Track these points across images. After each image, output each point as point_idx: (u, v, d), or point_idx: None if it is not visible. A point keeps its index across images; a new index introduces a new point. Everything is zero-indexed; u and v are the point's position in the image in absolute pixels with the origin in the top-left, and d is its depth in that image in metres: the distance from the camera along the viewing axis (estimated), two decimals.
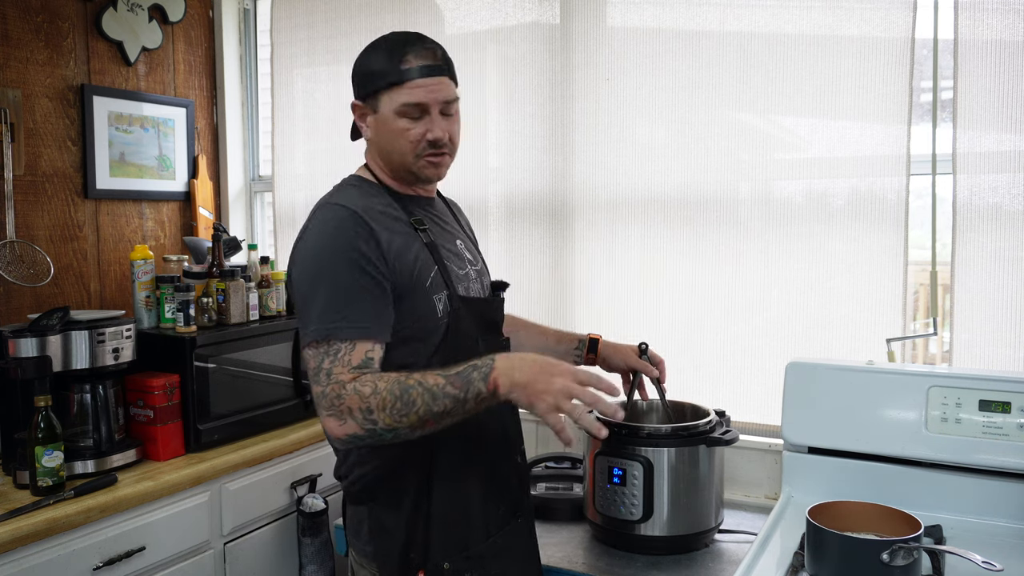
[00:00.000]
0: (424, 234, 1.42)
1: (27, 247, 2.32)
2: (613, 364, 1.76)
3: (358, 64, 1.43)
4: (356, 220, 1.33)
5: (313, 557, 2.22)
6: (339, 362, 1.27)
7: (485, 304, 1.50)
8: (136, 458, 2.06)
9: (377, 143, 1.44)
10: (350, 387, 1.25)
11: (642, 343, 1.76)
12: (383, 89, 1.38)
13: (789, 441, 1.88)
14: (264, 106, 3.03)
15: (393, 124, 1.38)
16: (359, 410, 1.24)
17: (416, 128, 1.38)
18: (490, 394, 1.22)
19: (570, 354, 1.77)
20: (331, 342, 1.28)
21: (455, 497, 1.40)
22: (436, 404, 1.22)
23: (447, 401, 1.22)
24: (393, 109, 1.37)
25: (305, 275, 1.34)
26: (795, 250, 2.07)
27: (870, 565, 1.34)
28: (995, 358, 1.86)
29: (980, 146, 1.83)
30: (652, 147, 2.23)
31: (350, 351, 1.27)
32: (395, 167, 1.44)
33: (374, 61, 1.40)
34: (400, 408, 1.22)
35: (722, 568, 1.71)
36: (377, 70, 1.38)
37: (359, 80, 1.43)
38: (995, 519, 1.67)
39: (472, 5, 2.48)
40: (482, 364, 1.24)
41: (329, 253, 1.32)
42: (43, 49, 2.38)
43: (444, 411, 1.23)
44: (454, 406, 1.23)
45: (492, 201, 2.49)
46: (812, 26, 2.00)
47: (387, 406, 1.23)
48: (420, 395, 1.22)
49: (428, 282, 1.38)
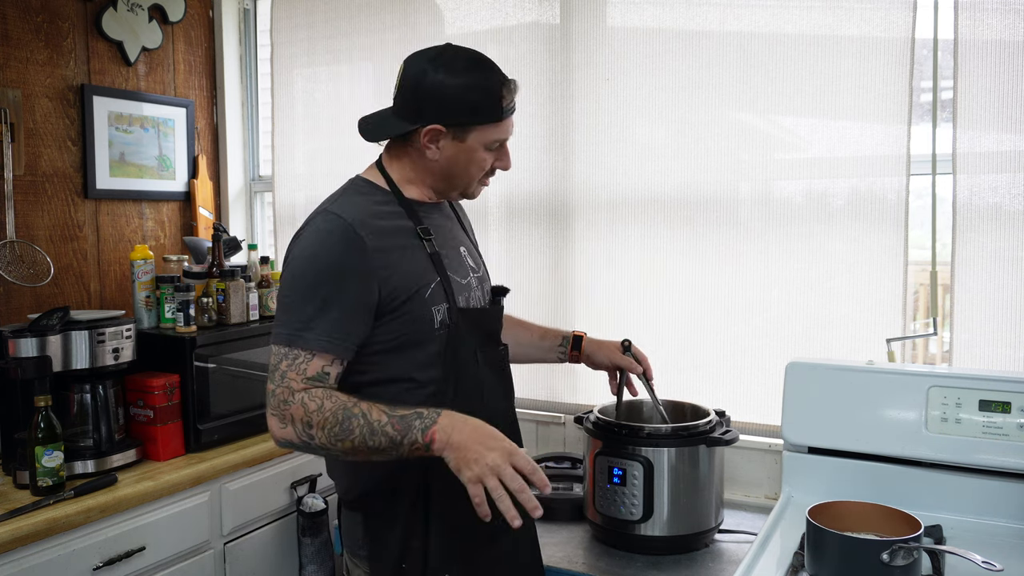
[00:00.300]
0: (429, 244, 1.42)
1: (27, 247, 2.32)
2: (597, 361, 1.78)
3: (449, 88, 1.37)
4: (349, 233, 1.33)
5: (313, 557, 2.22)
6: (295, 368, 1.29)
7: (484, 314, 1.50)
8: (136, 458, 2.06)
9: (446, 167, 1.43)
10: (298, 396, 1.27)
11: (624, 340, 1.78)
12: (483, 123, 1.40)
13: (789, 441, 1.88)
14: (264, 106, 3.02)
15: (476, 155, 1.42)
16: (300, 422, 1.27)
17: (490, 159, 1.45)
18: (424, 446, 1.24)
19: (554, 351, 1.79)
20: (293, 347, 1.30)
21: (455, 504, 1.38)
22: (372, 439, 1.25)
23: (383, 439, 1.24)
24: (483, 143, 1.41)
25: (288, 277, 1.35)
26: (795, 250, 2.07)
27: (870, 565, 1.34)
28: (995, 358, 1.86)
29: (980, 146, 1.83)
30: (652, 147, 2.23)
31: (308, 361, 1.29)
32: (447, 185, 1.46)
33: (474, 94, 1.38)
34: (338, 433, 1.25)
35: (722, 568, 1.71)
36: (478, 105, 1.38)
37: (454, 107, 1.37)
38: (995, 519, 1.67)
39: (472, 5, 2.48)
40: (427, 415, 1.25)
41: (314, 262, 1.33)
42: (43, 49, 2.38)
43: (377, 447, 1.25)
44: (388, 446, 1.25)
45: (492, 201, 2.49)
46: (812, 26, 2.00)
47: (326, 426, 1.25)
48: (360, 426, 1.25)
49: (428, 293, 1.38)
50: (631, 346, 1.77)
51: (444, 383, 1.39)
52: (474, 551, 1.41)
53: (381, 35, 2.63)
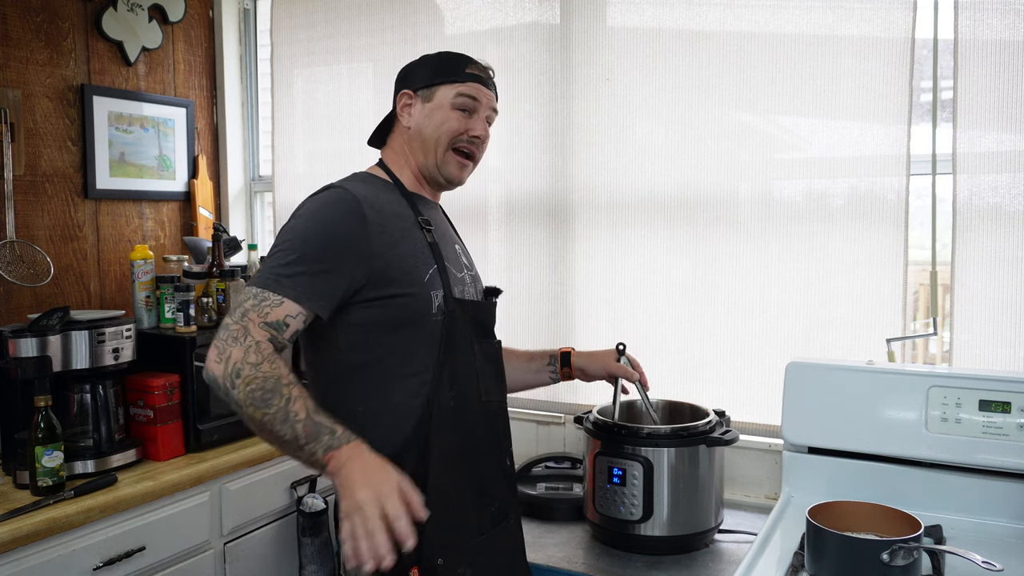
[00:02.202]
0: (429, 234, 1.45)
1: (27, 247, 2.32)
2: (592, 372, 1.77)
3: (420, 61, 1.54)
4: (353, 204, 1.36)
5: (313, 557, 2.22)
6: (258, 309, 1.28)
7: (478, 307, 1.51)
8: (136, 458, 2.06)
9: (418, 130, 1.50)
10: (248, 340, 1.25)
11: (619, 344, 1.77)
12: (446, 82, 1.49)
13: (789, 441, 1.88)
14: (264, 106, 3.03)
15: (445, 112, 1.48)
16: (233, 365, 1.24)
17: (463, 122, 1.48)
18: (320, 462, 1.23)
19: (544, 371, 1.78)
20: (265, 290, 1.29)
21: (448, 495, 1.40)
22: (281, 427, 1.23)
23: (289, 432, 1.23)
24: (450, 98, 1.48)
25: (281, 233, 1.37)
26: (795, 250, 2.07)
27: (870, 565, 1.34)
28: (995, 358, 1.86)
29: (980, 146, 1.83)
30: (652, 147, 2.23)
31: (274, 306, 1.28)
32: (425, 156, 1.50)
33: (442, 60, 1.52)
34: (257, 399, 1.22)
35: (722, 568, 1.71)
36: (444, 67, 1.50)
37: (420, 72, 1.52)
38: (995, 519, 1.67)
39: (472, 5, 2.48)
40: (341, 436, 1.24)
41: (310, 220, 1.36)
42: (43, 49, 2.38)
43: (281, 437, 1.24)
44: (290, 441, 1.24)
45: (492, 201, 2.49)
46: (812, 26, 2.00)
47: (251, 385, 1.23)
48: (278, 407, 1.23)
49: (427, 277, 1.40)
50: (625, 350, 1.77)
51: (440, 368, 1.39)
52: (467, 539, 1.42)
53: (381, 35, 2.63)
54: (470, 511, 1.44)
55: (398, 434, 1.38)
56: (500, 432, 1.54)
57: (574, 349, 1.78)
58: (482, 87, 1.51)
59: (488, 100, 1.52)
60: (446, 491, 1.40)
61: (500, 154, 2.47)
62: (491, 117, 1.54)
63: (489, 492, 1.47)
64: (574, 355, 1.77)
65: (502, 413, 1.55)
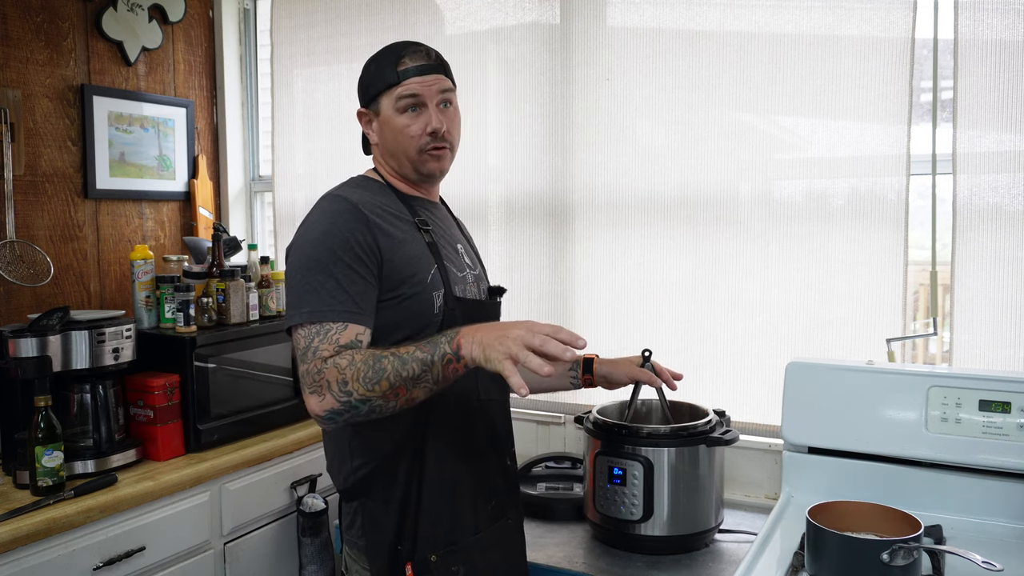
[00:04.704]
0: (427, 234, 1.46)
1: (27, 247, 2.32)
2: (616, 380, 1.72)
3: (361, 76, 1.50)
4: (354, 211, 1.37)
5: (313, 557, 2.22)
6: (327, 340, 1.30)
7: (480, 306, 1.51)
8: (136, 458, 2.06)
9: (383, 145, 1.49)
10: (330, 361, 1.27)
11: (645, 350, 1.74)
12: (383, 91, 1.45)
13: (789, 441, 1.88)
14: (264, 106, 3.03)
15: (395, 122, 1.45)
16: (336, 382, 1.25)
17: (416, 123, 1.44)
18: (454, 353, 1.22)
19: (564, 376, 1.75)
20: (323, 323, 1.30)
21: (443, 492, 1.42)
22: (405, 369, 1.23)
23: (415, 365, 1.23)
24: (393, 107, 1.44)
25: (302, 259, 1.36)
26: (795, 250, 2.07)
27: (870, 565, 1.34)
28: (995, 358, 1.86)
29: (980, 146, 1.83)
30: (652, 147, 2.23)
31: (341, 331, 1.30)
32: (401, 165, 1.49)
33: (373, 69, 1.48)
34: (372, 376, 1.23)
35: (722, 568, 1.71)
36: (376, 76, 1.46)
37: (362, 90, 1.50)
38: (995, 519, 1.67)
39: (472, 5, 2.48)
40: (450, 332, 1.26)
41: (326, 239, 1.35)
42: (43, 49, 2.38)
43: (412, 376, 1.23)
44: (422, 370, 1.23)
45: (492, 201, 2.49)
46: (812, 26, 2.00)
47: (360, 375, 1.24)
48: (391, 362, 1.24)
49: (428, 278, 1.41)
50: (651, 357, 1.73)
51: None
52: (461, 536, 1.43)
53: (381, 35, 2.63)
54: (466, 509, 1.44)
55: (396, 431, 1.39)
56: (500, 431, 1.54)
57: (597, 356, 1.74)
58: (421, 77, 1.43)
59: (432, 89, 1.44)
60: (442, 489, 1.41)
61: (500, 154, 2.47)
62: (447, 98, 1.47)
63: (487, 491, 1.48)
64: (597, 362, 1.72)
65: (502, 413, 1.55)
